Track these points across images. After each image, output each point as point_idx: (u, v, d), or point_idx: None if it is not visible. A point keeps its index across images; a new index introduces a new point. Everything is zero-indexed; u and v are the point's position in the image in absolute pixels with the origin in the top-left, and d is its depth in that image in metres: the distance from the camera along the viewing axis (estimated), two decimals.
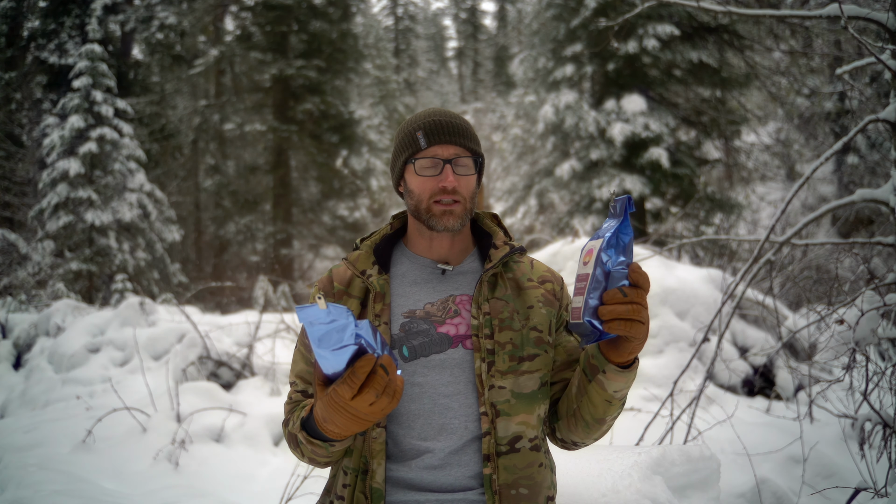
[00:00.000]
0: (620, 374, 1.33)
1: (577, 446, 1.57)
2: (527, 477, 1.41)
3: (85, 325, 7.14)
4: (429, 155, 1.47)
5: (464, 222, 1.49)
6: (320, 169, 20.93)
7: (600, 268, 1.23)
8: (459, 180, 1.47)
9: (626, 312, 1.21)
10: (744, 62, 13.92)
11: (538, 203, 16.10)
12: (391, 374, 1.16)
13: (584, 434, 1.50)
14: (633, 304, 1.21)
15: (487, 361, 1.42)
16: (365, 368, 1.13)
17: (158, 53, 19.83)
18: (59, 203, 13.46)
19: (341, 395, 1.15)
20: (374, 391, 1.15)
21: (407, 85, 33.04)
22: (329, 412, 1.19)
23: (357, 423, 1.19)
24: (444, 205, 1.46)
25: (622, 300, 1.21)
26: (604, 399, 1.39)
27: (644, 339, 1.28)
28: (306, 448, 1.36)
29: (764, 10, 4.59)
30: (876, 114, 2.81)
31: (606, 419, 1.45)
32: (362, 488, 1.40)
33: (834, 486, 3.03)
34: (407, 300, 1.50)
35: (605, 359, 1.33)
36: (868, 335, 2.61)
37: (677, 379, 3.49)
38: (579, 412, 1.45)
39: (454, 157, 1.47)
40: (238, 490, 4.10)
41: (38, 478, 3.67)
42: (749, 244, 8.15)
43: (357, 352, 1.14)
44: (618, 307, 1.21)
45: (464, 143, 1.49)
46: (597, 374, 1.36)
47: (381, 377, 1.15)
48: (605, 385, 1.36)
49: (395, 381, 1.16)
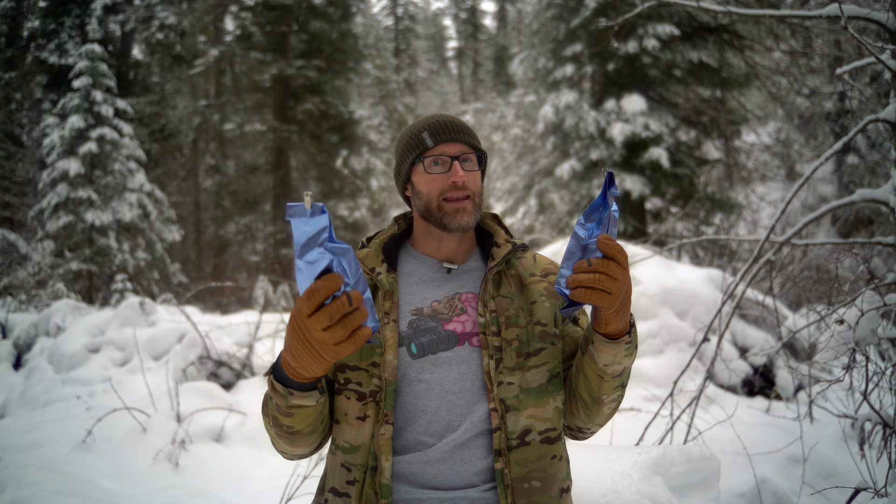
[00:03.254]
0: (607, 346, 1.35)
1: (582, 434, 1.58)
2: (538, 469, 1.43)
3: (85, 325, 7.14)
4: (436, 153, 1.51)
5: (476, 219, 1.52)
6: (320, 169, 20.94)
7: (575, 239, 1.27)
8: (468, 176, 1.51)
9: (586, 281, 1.22)
10: (744, 62, 13.92)
11: (538, 203, 16.11)
12: (356, 308, 1.10)
13: (585, 417, 1.51)
14: (596, 272, 1.22)
15: (495, 358, 1.45)
16: (327, 286, 1.07)
17: (158, 53, 19.84)
18: (59, 203, 13.46)
19: (299, 309, 1.11)
20: (328, 314, 1.08)
21: (407, 85, 33.04)
22: (289, 333, 1.16)
23: (310, 353, 1.14)
24: (456, 201, 1.49)
25: (586, 269, 1.23)
26: (596, 374, 1.41)
27: (618, 310, 1.29)
28: (271, 404, 1.34)
29: (764, 10, 4.59)
30: (876, 114, 2.81)
31: (603, 398, 1.45)
32: (371, 484, 1.41)
33: (834, 486, 3.03)
34: (414, 298, 1.52)
35: (593, 329, 1.36)
36: (868, 335, 2.61)
37: (677, 379, 3.49)
38: (577, 391, 1.47)
39: (461, 154, 1.51)
40: (238, 490, 4.10)
41: (38, 478, 3.67)
42: (749, 244, 8.15)
43: (326, 269, 1.08)
44: (580, 276, 1.23)
45: (468, 140, 1.53)
46: (588, 346, 1.40)
47: (343, 304, 1.08)
48: (595, 357, 1.38)
49: (356, 318, 1.10)
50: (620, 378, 1.44)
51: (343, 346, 1.11)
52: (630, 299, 1.32)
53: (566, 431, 1.60)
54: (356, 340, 1.11)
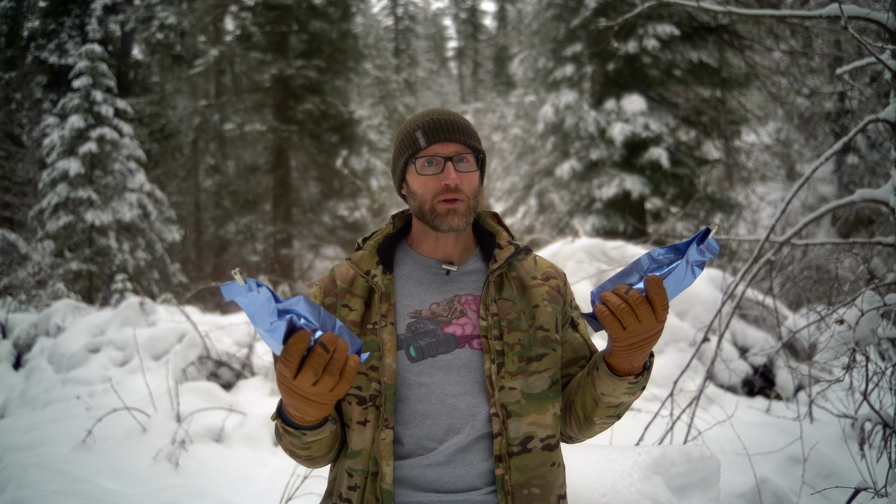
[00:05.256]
0: (609, 378, 1.35)
1: (571, 440, 1.60)
2: (539, 476, 1.42)
3: (85, 325, 7.13)
4: (429, 154, 1.46)
5: (468, 221, 1.48)
6: (320, 169, 20.93)
7: (636, 265, 1.27)
8: (462, 177, 1.46)
9: (612, 304, 1.22)
10: (744, 62, 13.92)
11: (538, 203, 16.11)
12: (334, 352, 1.10)
13: (576, 429, 1.52)
14: (625, 303, 1.22)
15: (497, 363, 1.43)
16: (297, 345, 1.08)
17: (158, 53, 19.83)
18: (59, 203, 13.46)
19: (282, 374, 1.12)
20: (311, 370, 1.10)
21: (407, 85, 33.03)
22: (283, 393, 1.18)
23: (310, 405, 1.16)
24: (448, 203, 1.45)
25: (622, 295, 1.22)
26: (592, 397, 1.41)
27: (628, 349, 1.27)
28: (285, 439, 1.36)
29: (764, 10, 4.59)
30: (876, 114, 2.81)
31: (594, 420, 1.46)
32: (372, 490, 1.40)
33: (834, 486, 3.03)
34: (413, 300, 1.50)
35: (603, 357, 1.36)
36: (868, 335, 2.61)
37: (677, 379, 3.49)
38: (573, 405, 1.48)
39: (455, 155, 1.46)
40: (238, 490, 4.10)
41: (38, 478, 3.67)
42: (749, 244, 8.15)
43: (290, 329, 1.08)
44: (611, 297, 1.23)
45: (464, 139, 1.48)
46: (593, 370, 1.40)
47: (320, 355, 1.09)
48: (595, 383, 1.39)
49: (339, 360, 1.10)
50: (616, 409, 1.44)
51: (338, 388, 1.13)
52: (649, 348, 1.29)
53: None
54: (348, 377, 1.13)
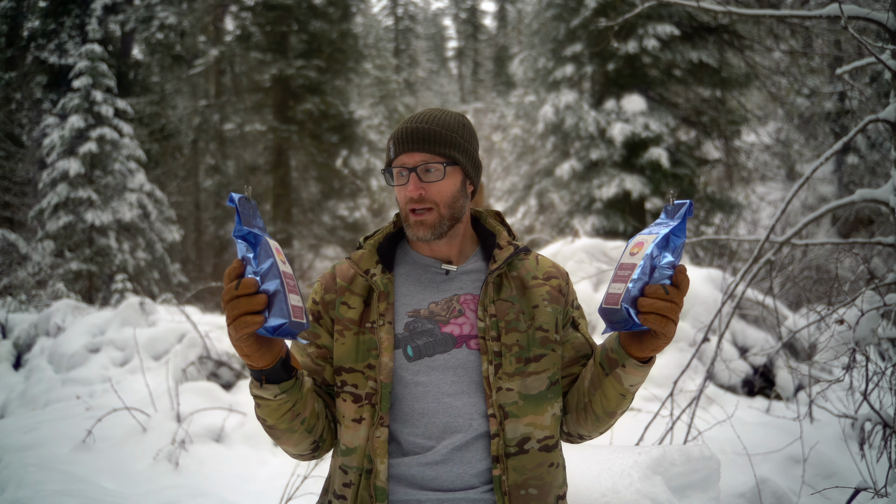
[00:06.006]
0: (639, 369, 1.37)
1: (581, 439, 1.59)
2: (536, 477, 1.42)
3: (85, 325, 7.13)
4: (398, 165, 1.47)
5: (439, 231, 1.47)
6: (320, 169, 20.94)
7: (649, 261, 1.26)
8: (428, 188, 1.45)
9: (664, 309, 1.23)
10: (744, 62, 13.93)
11: (538, 203, 16.12)
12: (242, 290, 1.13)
13: (592, 427, 1.52)
14: (672, 302, 1.24)
15: (495, 364, 1.43)
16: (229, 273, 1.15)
17: (158, 53, 19.82)
18: (59, 203, 13.45)
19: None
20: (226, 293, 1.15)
21: (407, 85, 33.03)
22: None
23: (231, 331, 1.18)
24: (417, 214, 1.46)
25: (663, 297, 1.23)
26: (619, 393, 1.42)
27: (671, 339, 1.30)
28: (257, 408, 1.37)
29: (764, 10, 4.59)
30: (876, 114, 2.81)
31: (617, 412, 1.47)
32: (366, 487, 1.40)
33: (834, 486, 3.03)
34: (411, 300, 1.50)
35: (626, 353, 1.36)
36: (868, 335, 2.61)
37: (677, 379, 3.49)
38: (591, 406, 1.47)
39: (419, 165, 1.45)
40: (238, 490, 4.10)
41: (38, 478, 3.67)
42: (749, 244, 8.15)
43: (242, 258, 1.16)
44: (658, 302, 1.23)
45: (430, 148, 1.45)
46: (615, 368, 1.39)
47: (230, 289, 1.14)
48: (623, 379, 1.39)
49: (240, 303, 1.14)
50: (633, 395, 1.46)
51: (230, 328, 1.16)
52: None
53: (564, 437, 1.59)
54: (237, 325, 1.15)
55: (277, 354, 1.27)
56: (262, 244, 1.16)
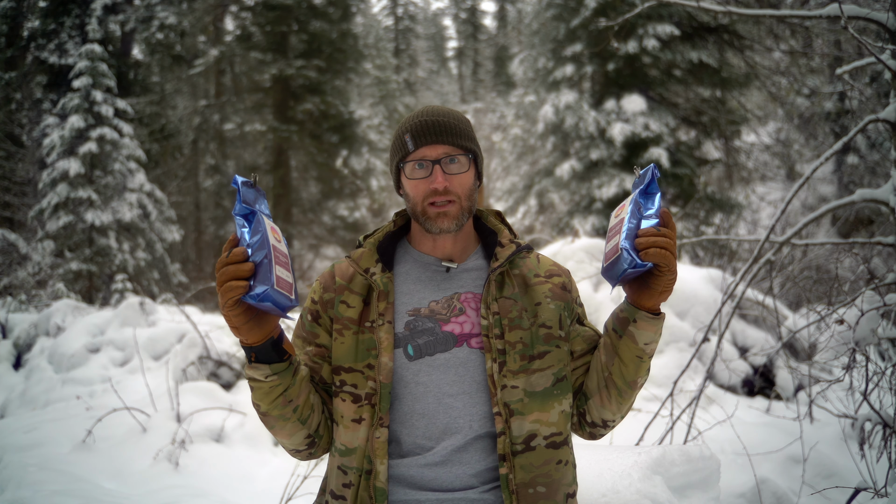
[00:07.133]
0: (651, 322, 1.39)
1: (606, 428, 1.56)
2: (544, 475, 1.41)
3: (85, 325, 7.13)
4: (417, 157, 1.46)
5: (460, 222, 1.47)
6: (320, 169, 20.93)
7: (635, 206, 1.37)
8: (451, 179, 1.45)
9: (661, 242, 1.31)
10: (744, 62, 13.92)
11: (538, 203, 16.11)
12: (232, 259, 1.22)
13: (616, 406, 1.50)
14: (666, 237, 1.31)
15: (499, 362, 1.42)
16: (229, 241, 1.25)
17: (158, 53, 19.81)
18: (59, 203, 13.45)
19: None
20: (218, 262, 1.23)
21: (407, 85, 33.02)
22: None
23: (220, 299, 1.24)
24: (439, 206, 1.45)
25: (657, 233, 1.32)
26: (635, 355, 1.42)
27: (673, 278, 1.34)
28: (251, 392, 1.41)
29: (764, 10, 4.59)
30: (876, 114, 2.81)
31: (638, 381, 1.47)
32: (366, 488, 1.40)
33: (834, 486, 3.03)
34: (411, 298, 1.49)
35: (636, 307, 1.39)
36: (868, 335, 2.61)
37: (677, 379, 3.49)
38: (612, 378, 1.46)
39: (443, 157, 1.45)
40: (238, 490, 4.10)
41: (38, 478, 3.67)
42: (749, 244, 8.15)
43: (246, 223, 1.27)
44: (653, 237, 1.31)
45: (453, 140, 1.46)
46: (627, 327, 1.40)
47: (222, 259, 1.23)
48: (637, 336, 1.40)
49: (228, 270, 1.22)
50: (650, 358, 1.47)
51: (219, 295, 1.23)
52: None
53: (589, 429, 1.57)
54: (224, 291, 1.22)
55: (269, 333, 1.30)
56: (256, 221, 1.25)
